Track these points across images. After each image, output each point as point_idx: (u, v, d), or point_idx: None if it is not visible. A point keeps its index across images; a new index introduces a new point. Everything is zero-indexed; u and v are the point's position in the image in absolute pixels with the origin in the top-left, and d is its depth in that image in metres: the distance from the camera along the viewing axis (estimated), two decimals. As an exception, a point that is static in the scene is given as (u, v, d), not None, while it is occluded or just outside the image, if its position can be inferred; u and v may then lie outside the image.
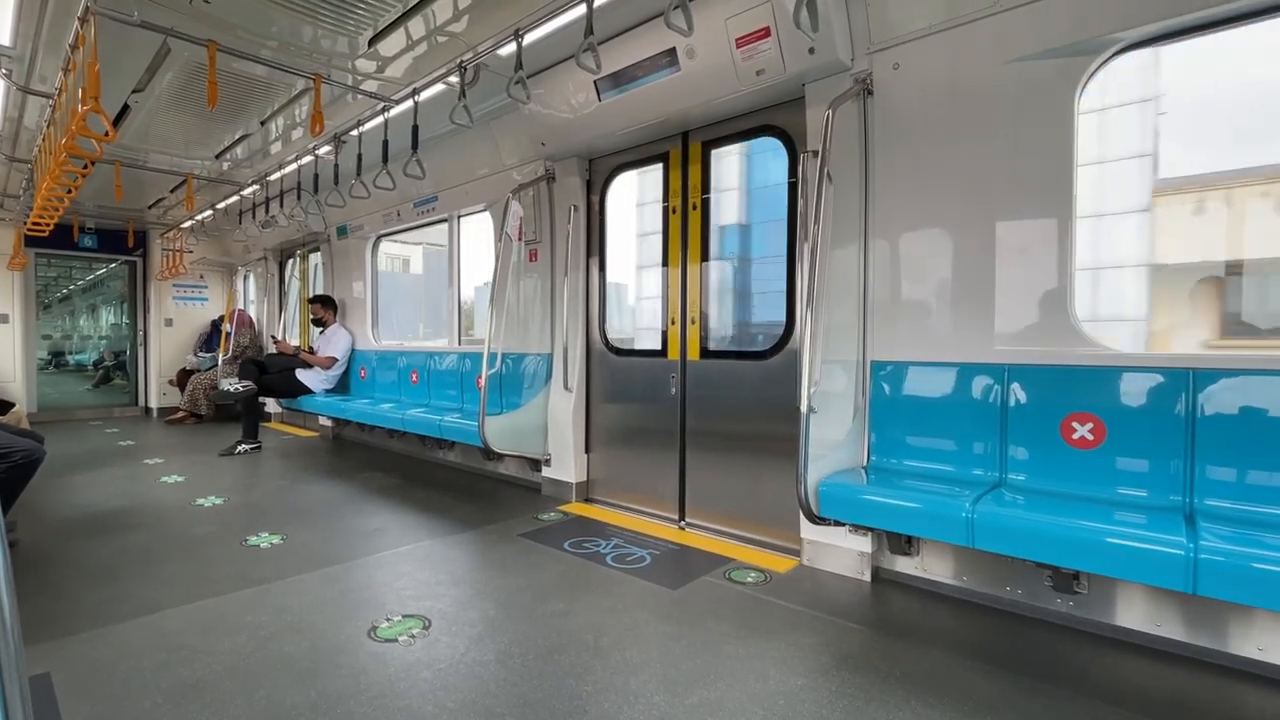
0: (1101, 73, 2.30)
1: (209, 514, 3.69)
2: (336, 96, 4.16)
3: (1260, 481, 1.97)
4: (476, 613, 2.35)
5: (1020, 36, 2.35)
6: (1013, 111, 2.40)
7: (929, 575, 2.59)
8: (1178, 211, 5.55)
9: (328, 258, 6.86)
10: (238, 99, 4.25)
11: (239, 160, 5.73)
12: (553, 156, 4.09)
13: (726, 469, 3.39)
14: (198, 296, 8.98)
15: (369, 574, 2.76)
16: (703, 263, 3.50)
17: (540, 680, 1.89)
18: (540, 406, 4.18)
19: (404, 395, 5.71)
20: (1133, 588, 2.15)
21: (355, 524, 3.50)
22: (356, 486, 4.42)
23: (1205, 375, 2.07)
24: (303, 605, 2.41)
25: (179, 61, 3.67)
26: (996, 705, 1.77)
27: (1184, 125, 5.46)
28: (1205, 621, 2.03)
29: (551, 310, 4.22)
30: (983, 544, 2.06)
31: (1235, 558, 1.65)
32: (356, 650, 2.06)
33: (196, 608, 2.40)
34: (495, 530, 3.39)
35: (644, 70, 3.21)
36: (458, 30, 3.34)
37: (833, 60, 2.69)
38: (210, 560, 2.91)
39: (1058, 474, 2.31)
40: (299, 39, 3.46)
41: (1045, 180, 2.35)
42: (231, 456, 5.53)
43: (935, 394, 2.61)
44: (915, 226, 2.66)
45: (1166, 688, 1.87)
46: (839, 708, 1.76)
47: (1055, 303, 2.36)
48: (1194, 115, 5.17)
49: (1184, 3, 2.05)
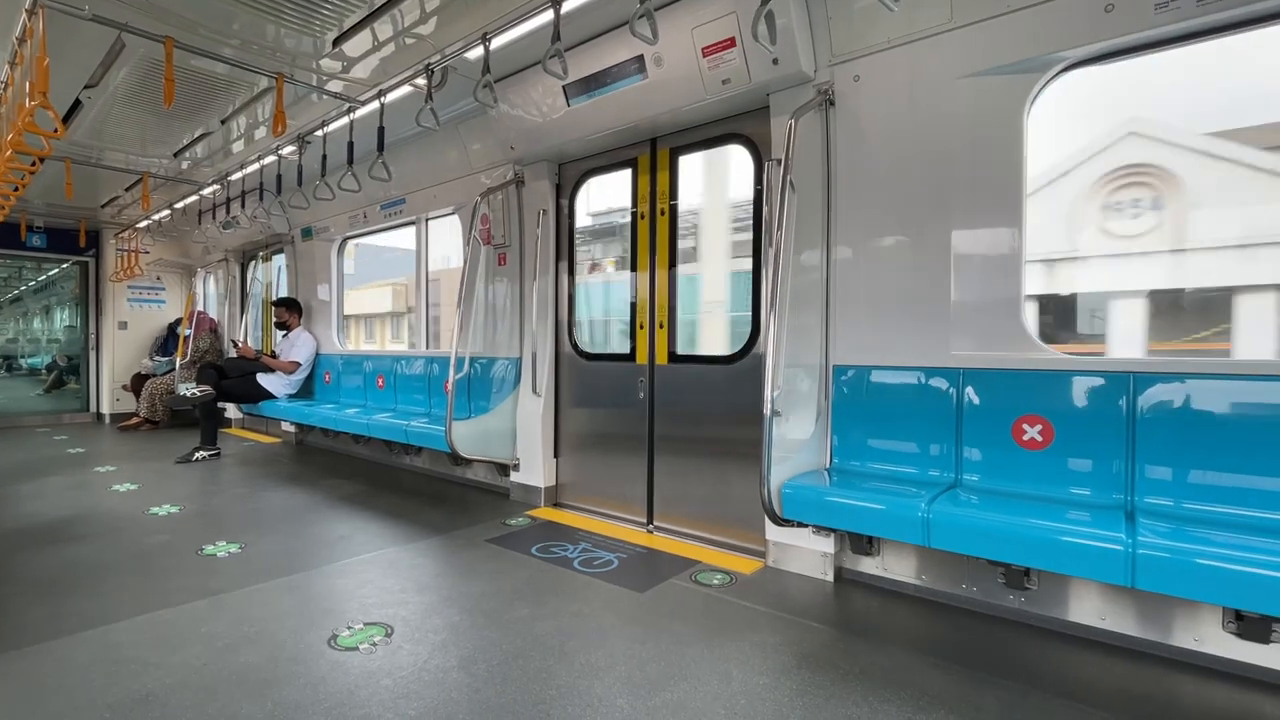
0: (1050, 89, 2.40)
1: (163, 523, 3.57)
2: (300, 96, 4.09)
3: (1196, 480, 2.08)
4: (441, 619, 2.33)
5: (973, 53, 2.44)
6: (967, 125, 2.49)
7: (890, 575, 2.65)
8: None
9: (292, 260, 6.72)
10: (197, 97, 4.15)
11: (198, 159, 5.58)
12: (522, 160, 4.08)
13: (694, 472, 3.42)
14: (154, 299, 8.69)
15: (331, 582, 2.71)
16: (671, 268, 3.54)
17: (503, 686, 1.88)
18: (509, 411, 4.16)
19: (370, 400, 5.61)
20: (1080, 583, 2.24)
21: (318, 531, 3.43)
22: (320, 493, 4.33)
23: (1144, 379, 2.17)
24: (261, 615, 2.36)
25: (134, 57, 3.57)
26: (950, 700, 1.83)
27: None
28: (1147, 615, 2.12)
29: (520, 314, 4.21)
30: (938, 543, 2.12)
31: (1170, 552, 1.73)
32: (316, 660, 2.03)
33: (148, 620, 2.32)
34: (462, 536, 3.36)
35: (612, 77, 3.23)
36: (425, 32, 3.32)
37: (796, 71, 2.75)
38: (163, 571, 2.82)
39: (1009, 474, 2.39)
40: (261, 37, 3.40)
41: (997, 192, 2.44)
42: (188, 464, 5.36)
43: (895, 397, 2.68)
44: (875, 234, 2.73)
45: (1111, 679, 1.95)
46: (799, 705, 1.79)
47: (1007, 309, 2.44)
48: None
49: (1121, 26, 2.16)
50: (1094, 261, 5.31)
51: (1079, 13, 2.22)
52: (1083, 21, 2.22)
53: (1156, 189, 5.14)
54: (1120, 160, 5.19)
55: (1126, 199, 5.24)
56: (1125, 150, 5.17)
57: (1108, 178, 5.25)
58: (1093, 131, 4.94)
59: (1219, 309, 4.62)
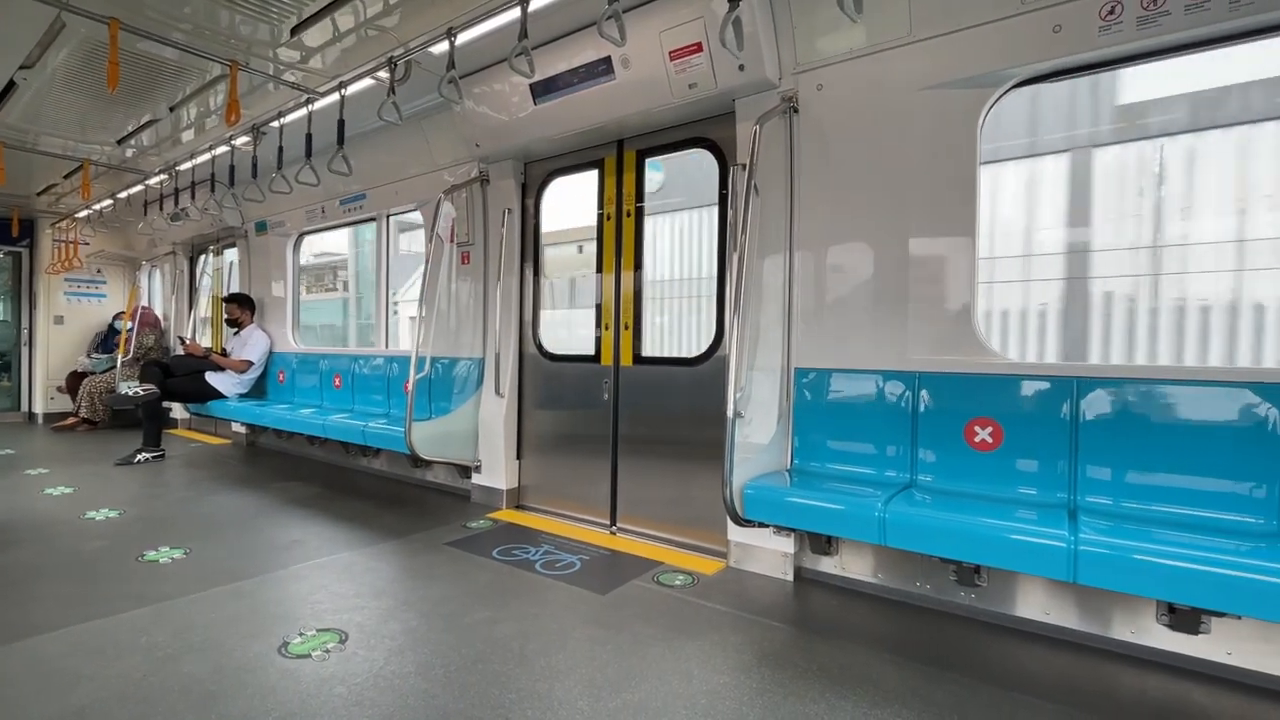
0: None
1: (101, 528, 3.40)
2: (256, 86, 3.95)
3: (1133, 480, 2.18)
4: (398, 624, 2.28)
5: (931, 66, 2.52)
6: (924, 136, 2.57)
7: (848, 574, 2.71)
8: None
9: (245, 255, 6.48)
10: (144, 82, 3.96)
11: (144, 147, 5.32)
12: (487, 158, 4.03)
13: (658, 474, 3.43)
14: (94, 293, 8.26)
15: (282, 588, 2.61)
16: (636, 270, 3.54)
17: (462, 691, 1.85)
18: (471, 412, 4.09)
19: (326, 400, 5.45)
20: (1026, 580, 2.33)
21: (269, 536, 3.31)
22: (272, 496, 4.18)
23: (1088, 383, 2.27)
24: (206, 623, 2.26)
25: (75, 38, 3.39)
26: (903, 694, 1.87)
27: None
28: (1088, 609, 2.22)
29: (484, 314, 4.15)
30: (894, 542, 2.18)
31: (1109, 549, 1.82)
32: (265, 668, 1.95)
33: (83, 630, 2.20)
34: (421, 539, 3.29)
35: (580, 77, 3.22)
36: (388, 25, 3.25)
37: (761, 78, 2.80)
38: (100, 578, 2.68)
39: (962, 475, 2.47)
40: (214, 23, 3.27)
41: (951, 202, 2.52)
42: (130, 466, 5.11)
43: (853, 400, 2.74)
44: (836, 240, 2.79)
45: (1053, 671, 2.03)
46: (759, 704, 1.81)
47: (960, 315, 2.53)
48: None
49: (1068, 46, 2.26)
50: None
51: (1029, 32, 2.32)
52: (1032, 40, 2.31)
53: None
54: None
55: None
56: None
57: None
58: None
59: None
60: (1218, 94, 3.90)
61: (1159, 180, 4.13)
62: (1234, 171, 3.95)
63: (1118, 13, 2.17)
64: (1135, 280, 4.20)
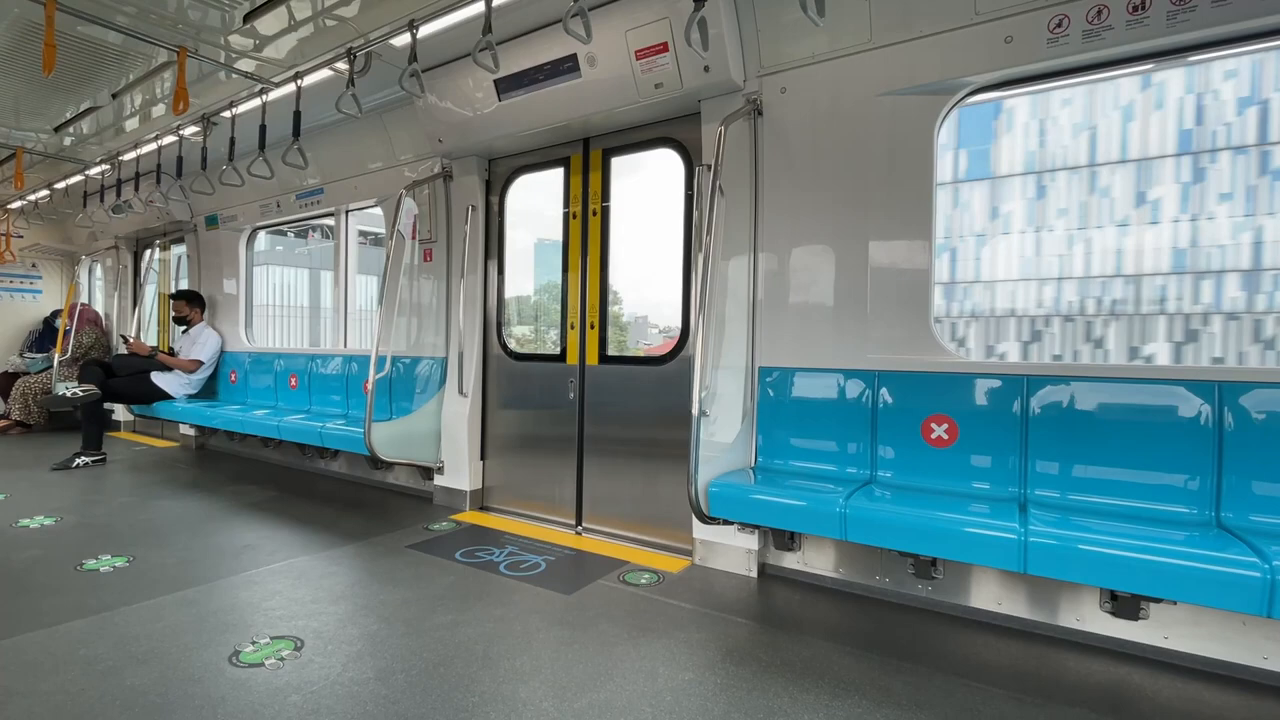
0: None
1: (35, 536, 3.22)
2: (206, 74, 3.80)
3: (1078, 474, 2.28)
4: (356, 630, 2.22)
5: (890, 72, 2.59)
6: (883, 141, 2.63)
7: (810, 569, 2.76)
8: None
9: (194, 250, 6.22)
10: (84, 66, 3.77)
11: (84, 135, 5.06)
12: (450, 154, 3.97)
13: (624, 473, 3.43)
14: (28, 289, 7.81)
15: (234, 595, 2.52)
16: (602, 269, 3.53)
17: (424, 696, 1.81)
18: (433, 412, 4.02)
19: (281, 401, 5.27)
20: (980, 571, 2.41)
21: (219, 541, 3.19)
22: (223, 501, 4.03)
23: (1036, 381, 2.36)
24: (151, 633, 2.16)
25: (7, 17, 3.20)
26: (863, 685, 1.92)
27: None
28: (1037, 598, 2.31)
29: (447, 313, 4.08)
30: (854, 537, 2.22)
31: (1056, 540, 1.89)
32: (215, 679, 1.88)
33: (14, 644, 2.08)
34: (381, 543, 3.21)
35: (545, 74, 3.20)
36: (347, 15, 3.17)
37: (726, 80, 2.82)
38: (35, 589, 2.54)
39: (919, 470, 2.54)
40: (160, 6, 3.13)
41: (909, 205, 2.59)
42: (68, 470, 4.85)
43: (816, 398, 2.79)
44: (799, 241, 2.84)
45: (1005, 659, 2.11)
46: (723, 699, 1.83)
47: (917, 315, 2.60)
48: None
49: (1018, 57, 2.35)
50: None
51: (982, 42, 2.40)
52: (985, 50, 2.40)
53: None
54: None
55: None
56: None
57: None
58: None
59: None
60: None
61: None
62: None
63: (1065, 25, 2.26)
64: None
